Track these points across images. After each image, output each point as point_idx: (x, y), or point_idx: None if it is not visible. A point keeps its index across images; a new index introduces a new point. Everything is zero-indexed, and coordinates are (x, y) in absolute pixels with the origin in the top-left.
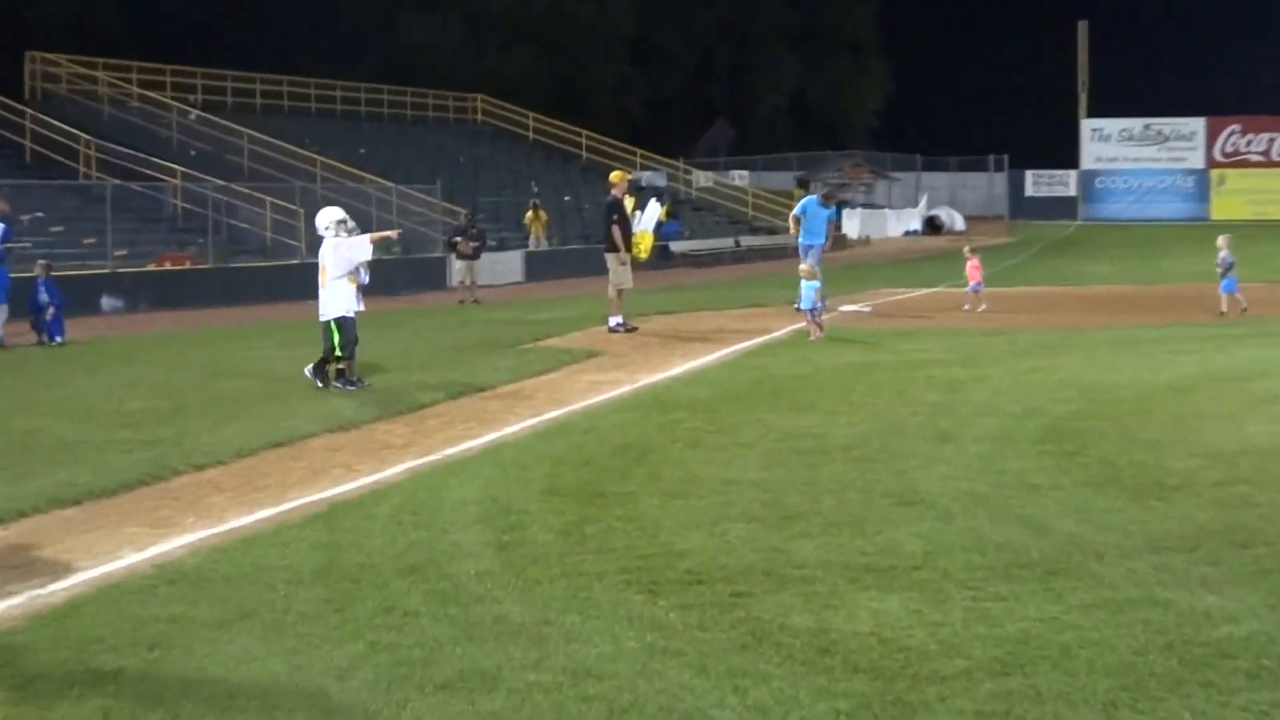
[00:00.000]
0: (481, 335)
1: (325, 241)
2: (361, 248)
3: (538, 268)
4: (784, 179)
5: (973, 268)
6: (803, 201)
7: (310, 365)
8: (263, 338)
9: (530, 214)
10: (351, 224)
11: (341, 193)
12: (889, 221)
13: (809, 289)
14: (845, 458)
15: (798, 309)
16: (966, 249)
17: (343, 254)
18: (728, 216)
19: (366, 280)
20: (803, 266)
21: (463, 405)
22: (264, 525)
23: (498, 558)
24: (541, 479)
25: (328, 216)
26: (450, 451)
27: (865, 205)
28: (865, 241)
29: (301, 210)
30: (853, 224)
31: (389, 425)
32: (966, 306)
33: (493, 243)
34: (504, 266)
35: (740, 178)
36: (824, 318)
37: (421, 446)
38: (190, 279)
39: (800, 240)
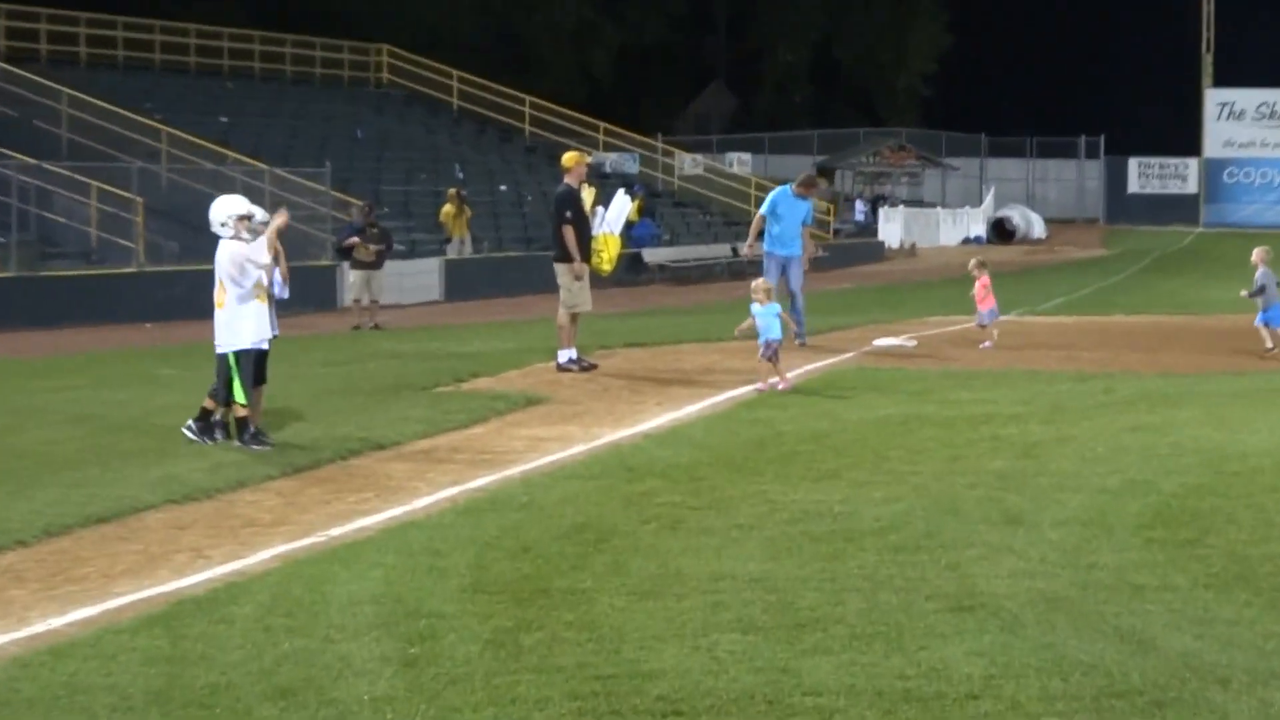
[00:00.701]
0: (384, 373)
1: (221, 245)
2: (256, 251)
3: (462, 281)
4: (800, 165)
5: (982, 287)
6: (772, 195)
7: (192, 419)
8: (82, 372)
9: (451, 208)
10: (260, 218)
11: (195, 176)
12: (942, 225)
13: (766, 316)
14: (878, 545)
15: (799, 342)
16: (973, 264)
17: (243, 261)
18: (723, 215)
19: (285, 294)
20: (757, 283)
21: (356, 469)
22: (81, 630)
23: (402, 677)
24: (463, 570)
25: (225, 209)
26: (337, 531)
27: (910, 203)
28: (909, 251)
29: (140, 200)
30: (891, 228)
31: (253, 495)
32: (986, 344)
33: (400, 247)
34: (416, 280)
35: (740, 163)
36: (785, 373)
37: (298, 524)
38: None
39: (766, 250)
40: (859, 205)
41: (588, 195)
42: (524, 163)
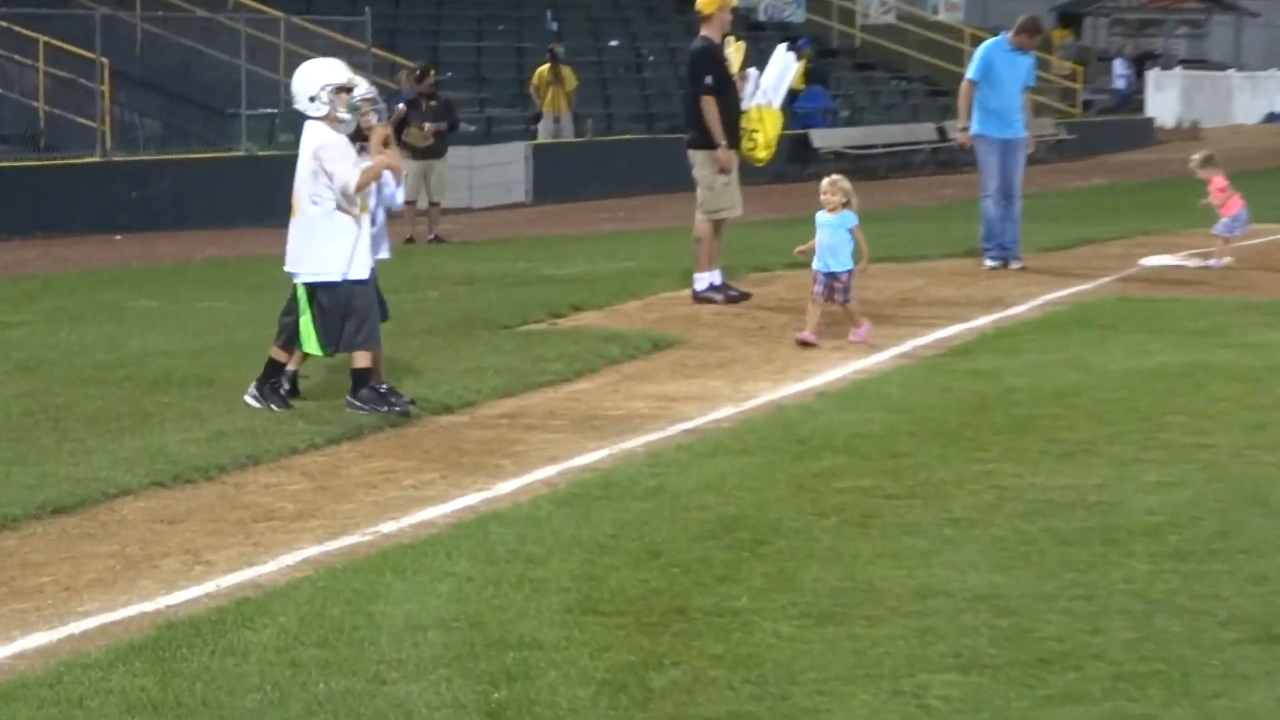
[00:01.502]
0: (449, 305)
1: (308, 130)
2: (340, 168)
3: (557, 175)
4: (1031, 7)
5: (1218, 191)
6: (981, 51)
7: (255, 382)
8: (28, 304)
9: (544, 73)
10: (363, 91)
11: (182, 29)
12: (1236, 95)
13: (832, 229)
14: (1153, 550)
15: (989, 262)
16: (1195, 160)
17: (332, 160)
18: (925, 82)
19: (399, 203)
20: (829, 181)
21: (414, 439)
22: (35, 664)
23: None
24: (566, 583)
25: (315, 77)
26: (390, 528)
27: (1190, 64)
28: (1190, 132)
29: (105, 61)
30: (1164, 99)
31: (271, 476)
32: (1211, 262)
33: (469, 127)
34: (492, 173)
35: (950, 6)
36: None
37: (334, 517)
38: None
39: (976, 132)
40: (1118, 68)
41: (734, 54)
42: (642, 8)
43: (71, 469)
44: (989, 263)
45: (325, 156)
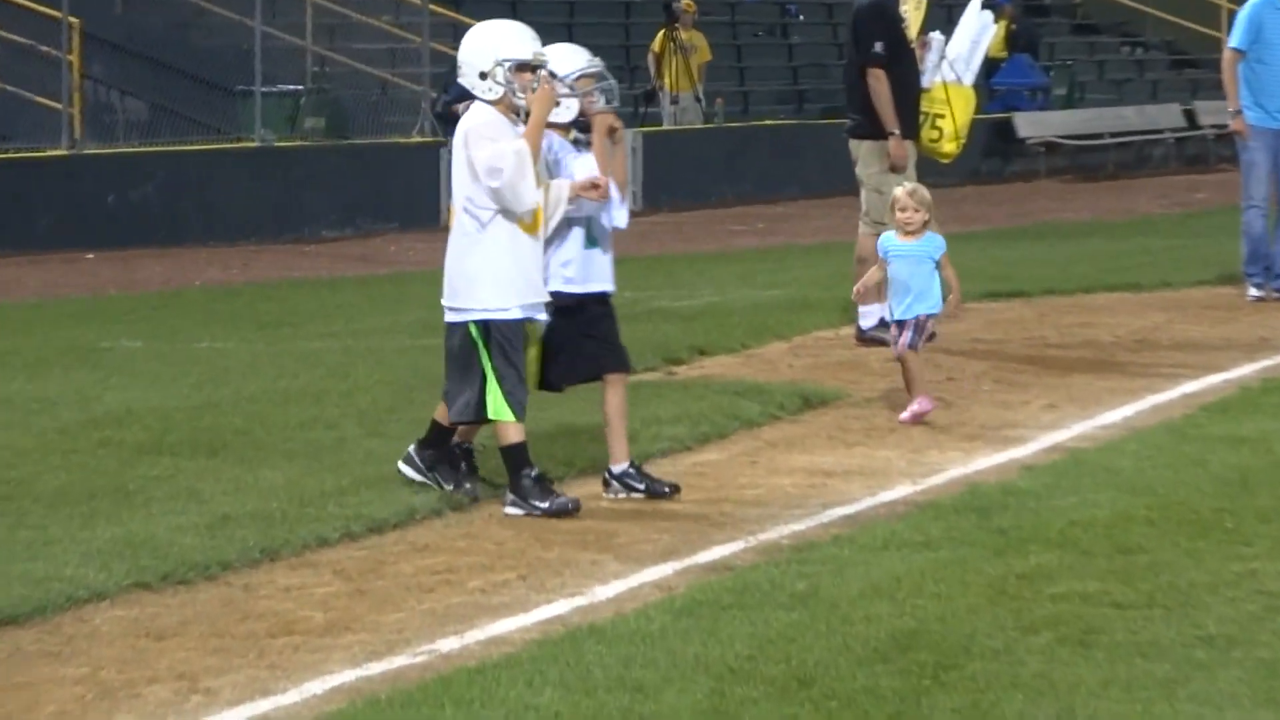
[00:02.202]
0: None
1: (470, 113)
2: (487, 153)
3: (675, 172)
4: None
5: None
6: (1246, 10)
7: (414, 444)
8: None
9: (663, 38)
10: (589, 70)
11: None
12: None
13: (909, 261)
14: None
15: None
16: None
17: (474, 144)
18: (1168, 49)
19: (621, 220)
20: (901, 191)
21: (482, 525)
22: None
23: None
24: None
25: (490, 48)
26: (450, 646)
27: None
28: None
29: (75, 22)
30: None
31: (296, 573)
32: None
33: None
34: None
35: None
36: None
37: (378, 630)
38: None
39: (1247, 120)
40: None
41: (914, 13)
42: None
43: (27, 565)
44: (1254, 292)
45: (472, 140)
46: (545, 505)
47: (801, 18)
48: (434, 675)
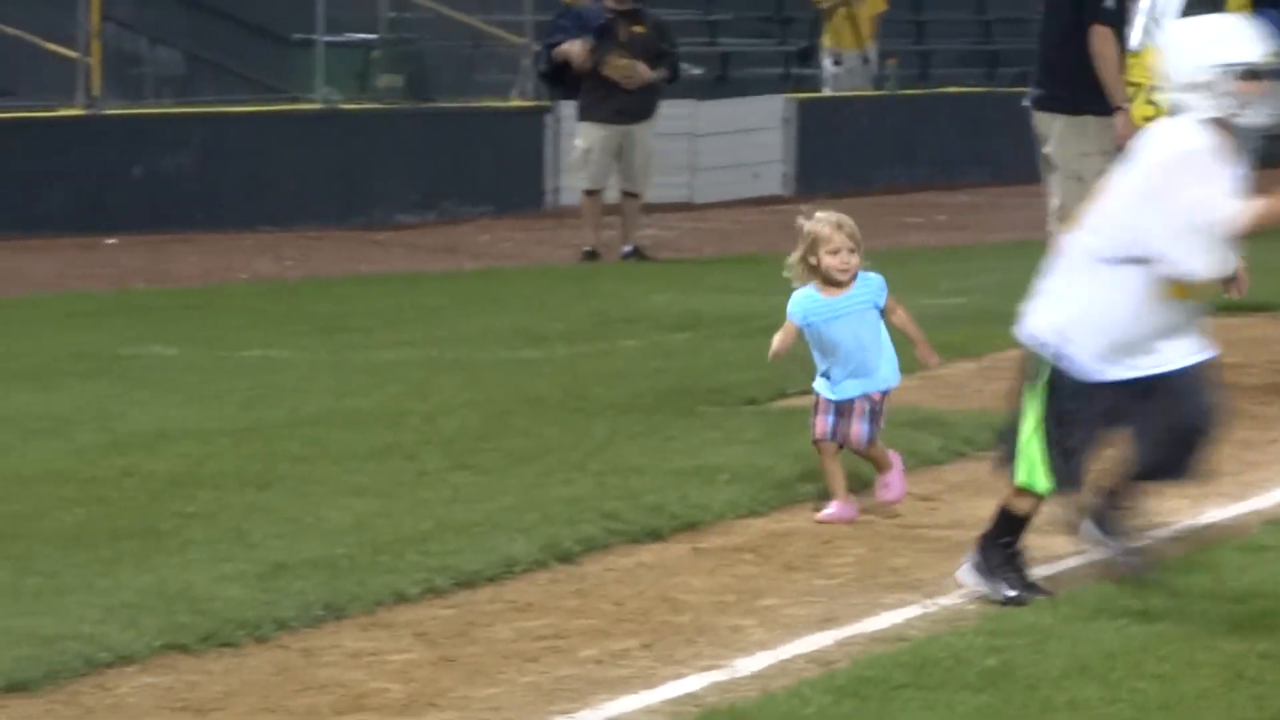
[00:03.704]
0: (654, 365)
1: (1165, 129)
2: (1208, 195)
3: (836, 149)
4: None
5: None
6: None
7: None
8: None
9: None
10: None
11: None
12: None
13: (841, 318)
14: None
15: None
16: None
17: (1186, 180)
18: None
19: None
20: (817, 223)
21: (594, 581)
22: None
23: None
24: None
25: (1209, 52)
26: None
27: None
28: None
29: None
30: None
31: (367, 635)
32: None
33: (694, 70)
34: (730, 145)
35: None
36: None
37: (467, 707)
38: None
39: None
40: None
41: None
42: None
43: (35, 620)
44: None
45: (1181, 173)
46: (1013, 594)
47: None
48: None
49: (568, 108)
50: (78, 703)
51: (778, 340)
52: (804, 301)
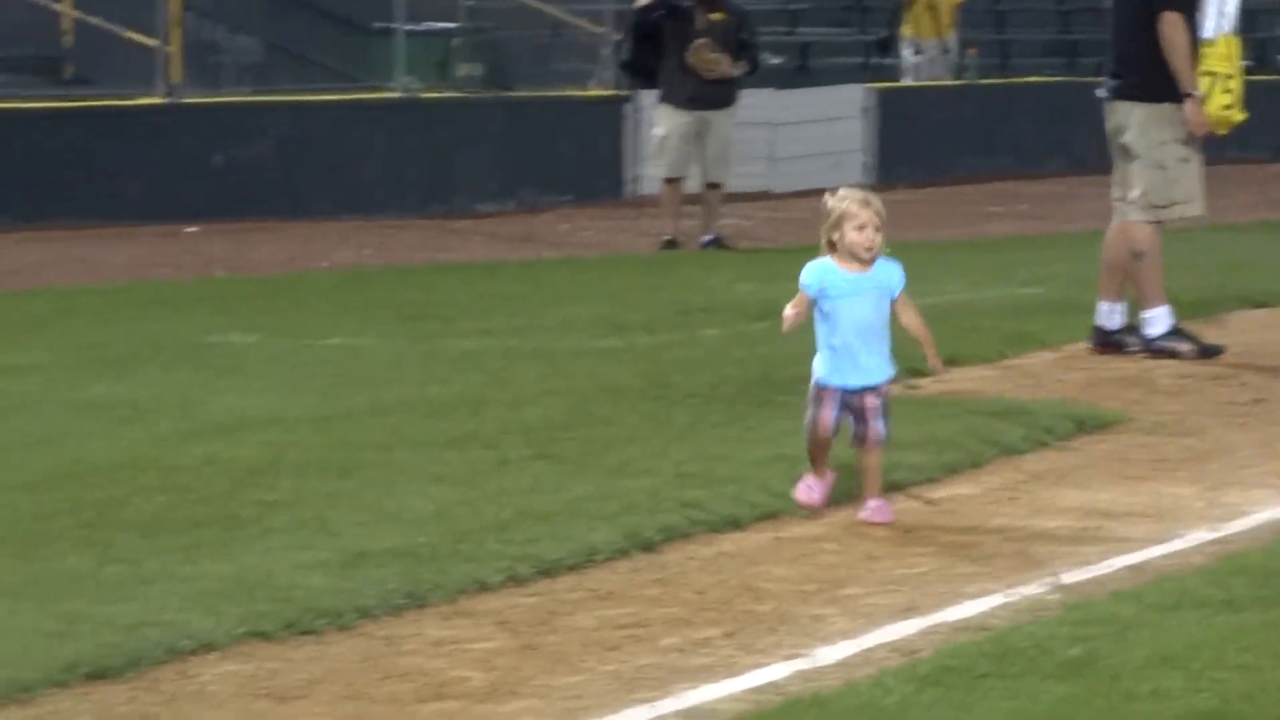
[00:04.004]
0: (738, 355)
1: None
2: None
3: (917, 139)
4: None
5: None
6: None
7: None
8: (39, 333)
9: None
10: None
11: None
12: None
13: (848, 299)
14: None
15: None
16: None
17: None
18: None
19: None
20: (840, 199)
21: (675, 569)
22: None
23: None
24: None
25: None
26: (642, 716)
27: None
28: None
29: None
30: None
31: (450, 624)
32: None
33: (774, 59)
34: (810, 134)
35: None
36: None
37: (549, 695)
38: None
39: None
40: None
41: None
42: None
43: (117, 608)
44: None
45: None
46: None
47: None
48: None
49: (647, 97)
50: (159, 690)
51: (789, 312)
52: (821, 272)
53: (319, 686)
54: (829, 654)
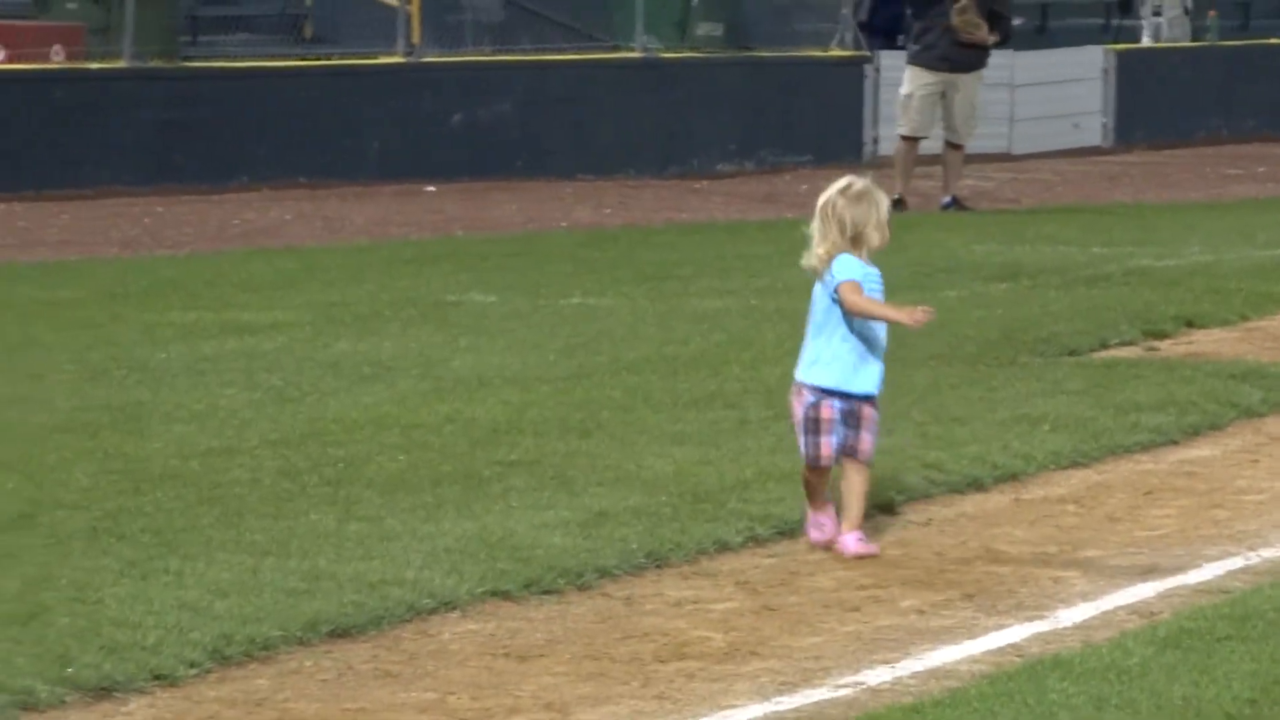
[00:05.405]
0: (977, 316)
1: None
2: None
3: (1158, 101)
4: None
5: None
6: None
7: None
8: (282, 291)
9: None
10: None
11: None
12: None
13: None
14: None
15: None
16: None
17: None
18: None
19: None
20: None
21: (915, 533)
22: None
23: None
24: None
25: None
26: (879, 677)
27: None
28: None
29: None
30: None
31: (690, 584)
32: None
33: (1017, 20)
34: (1049, 96)
35: None
36: None
37: (789, 656)
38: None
39: None
40: None
41: None
42: None
43: (360, 566)
44: None
45: None
46: None
47: None
48: (860, 713)
49: (888, 58)
50: (400, 648)
51: (890, 308)
52: (858, 266)
53: (558, 646)
54: (1069, 616)
